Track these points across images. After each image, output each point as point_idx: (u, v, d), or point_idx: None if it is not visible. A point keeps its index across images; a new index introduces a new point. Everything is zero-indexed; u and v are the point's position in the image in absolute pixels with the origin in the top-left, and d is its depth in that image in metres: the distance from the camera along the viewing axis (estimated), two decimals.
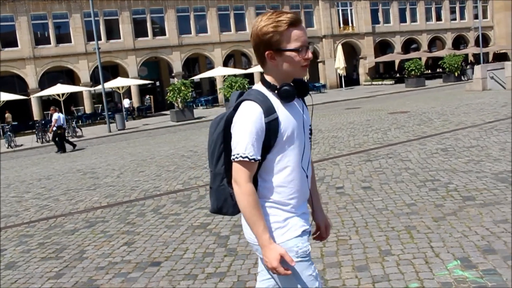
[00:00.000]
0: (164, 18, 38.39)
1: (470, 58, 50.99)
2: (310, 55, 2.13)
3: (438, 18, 51.06)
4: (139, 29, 37.60)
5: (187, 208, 6.92)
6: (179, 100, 26.85)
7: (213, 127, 2.21)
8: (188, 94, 26.96)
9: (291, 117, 2.12)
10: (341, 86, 42.23)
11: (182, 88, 26.92)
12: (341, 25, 45.07)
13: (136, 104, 36.76)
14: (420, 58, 47.43)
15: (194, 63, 42.91)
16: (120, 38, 37.07)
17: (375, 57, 47.14)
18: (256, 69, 38.86)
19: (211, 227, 5.86)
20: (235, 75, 34.05)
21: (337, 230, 5.15)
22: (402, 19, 48.86)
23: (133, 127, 26.29)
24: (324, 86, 42.56)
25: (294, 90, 2.12)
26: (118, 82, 32.85)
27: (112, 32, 37.07)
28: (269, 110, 2.06)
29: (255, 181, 2.14)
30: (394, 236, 4.81)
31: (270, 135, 2.07)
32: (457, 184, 6.44)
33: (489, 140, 9.58)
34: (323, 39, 44.15)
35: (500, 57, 50.20)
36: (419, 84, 35.34)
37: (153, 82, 37.39)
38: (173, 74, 38.68)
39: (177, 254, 5.04)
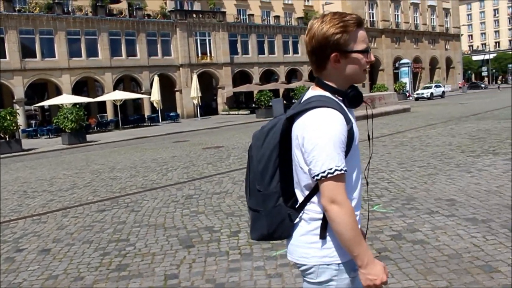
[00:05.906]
0: (5, 39, 35.76)
1: None
2: (373, 58, 1.96)
3: (295, 51, 53.50)
4: None
5: None
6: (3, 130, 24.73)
7: (259, 140, 1.95)
8: (12, 124, 24.92)
9: (355, 122, 1.93)
10: (197, 116, 41.77)
11: (8, 116, 24.87)
12: (199, 55, 45.33)
13: None
14: (278, 89, 49.39)
15: (43, 89, 40.42)
16: None
17: (234, 87, 47.99)
18: (107, 97, 37.64)
19: None
20: (88, 104, 32.46)
21: None
22: (260, 51, 50.43)
23: None
24: (178, 115, 41.85)
25: (362, 94, 1.94)
26: None
27: None
28: (347, 117, 1.83)
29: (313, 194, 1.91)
30: None
31: (348, 144, 1.85)
32: (140, 245, 6.05)
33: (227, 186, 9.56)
34: (180, 68, 43.99)
35: None
36: (268, 114, 36.33)
37: None
38: (14, 101, 36.01)
39: None
